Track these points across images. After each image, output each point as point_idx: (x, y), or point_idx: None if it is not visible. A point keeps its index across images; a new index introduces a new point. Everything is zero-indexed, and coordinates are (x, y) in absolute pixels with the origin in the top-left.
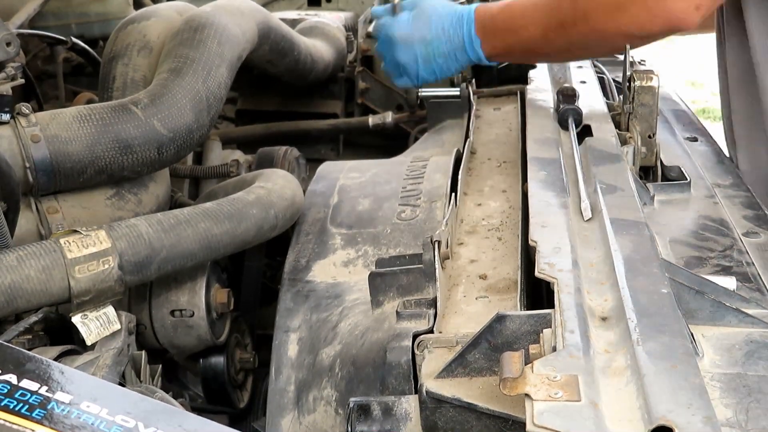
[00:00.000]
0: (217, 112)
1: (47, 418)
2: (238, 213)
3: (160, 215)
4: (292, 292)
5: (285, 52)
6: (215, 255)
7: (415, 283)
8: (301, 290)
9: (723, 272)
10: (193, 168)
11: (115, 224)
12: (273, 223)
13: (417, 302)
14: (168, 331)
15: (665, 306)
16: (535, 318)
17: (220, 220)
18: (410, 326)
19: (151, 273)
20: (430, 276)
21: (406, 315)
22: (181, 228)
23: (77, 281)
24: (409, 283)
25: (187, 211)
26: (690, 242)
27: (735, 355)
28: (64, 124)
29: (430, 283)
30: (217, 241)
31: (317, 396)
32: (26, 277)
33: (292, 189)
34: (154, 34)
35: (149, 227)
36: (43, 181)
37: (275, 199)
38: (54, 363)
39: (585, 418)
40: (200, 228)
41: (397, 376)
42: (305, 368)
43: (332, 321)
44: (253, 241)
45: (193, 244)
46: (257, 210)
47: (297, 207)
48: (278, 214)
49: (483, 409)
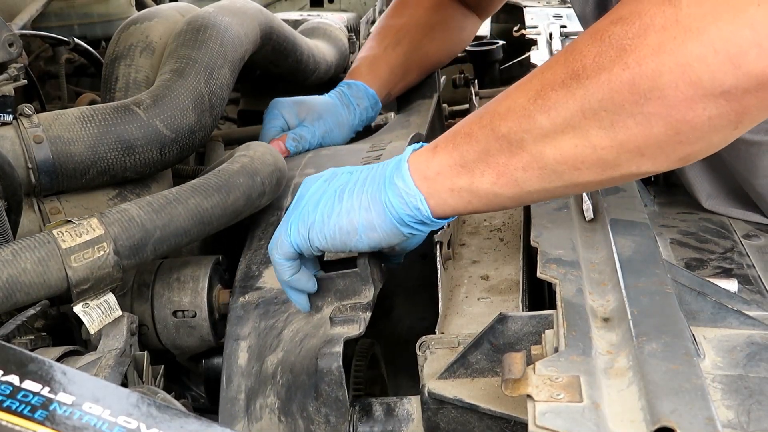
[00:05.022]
0: (220, 113)
1: (49, 419)
2: (226, 184)
3: (150, 197)
4: (243, 300)
5: (287, 53)
6: (209, 229)
7: (352, 287)
8: (251, 298)
9: (723, 274)
10: (195, 168)
11: (107, 211)
12: (261, 189)
13: (352, 306)
14: (170, 331)
15: (667, 307)
16: (537, 319)
17: (209, 193)
18: (342, 331)
19: (148, 254)
20: (366, 279)
21: (338, 320)
22: (171, 207)
23: (74, 270)
24: (345, 287)
25: (175, 189)
26: (690, 244)
27: (736, 357)
28: (67, 124)
29: (366, 287)
30: (209, 215)
31: (263, 404)
32: (23, 270)
33: (273, 155)
34: (157, 34)
35: (140, 210)
36: (45, 182)
37: (259, 166)
38: (56, 364)
39: (587, 419)
40: (191, 204)
41: (330, 382)
42: (253, 376)
43: (278, 328)
44: (244, 211)
45: (186, 221)
46: (244, 178)
47: (281, 172)
48: (264, 180)
49: (485, 409)
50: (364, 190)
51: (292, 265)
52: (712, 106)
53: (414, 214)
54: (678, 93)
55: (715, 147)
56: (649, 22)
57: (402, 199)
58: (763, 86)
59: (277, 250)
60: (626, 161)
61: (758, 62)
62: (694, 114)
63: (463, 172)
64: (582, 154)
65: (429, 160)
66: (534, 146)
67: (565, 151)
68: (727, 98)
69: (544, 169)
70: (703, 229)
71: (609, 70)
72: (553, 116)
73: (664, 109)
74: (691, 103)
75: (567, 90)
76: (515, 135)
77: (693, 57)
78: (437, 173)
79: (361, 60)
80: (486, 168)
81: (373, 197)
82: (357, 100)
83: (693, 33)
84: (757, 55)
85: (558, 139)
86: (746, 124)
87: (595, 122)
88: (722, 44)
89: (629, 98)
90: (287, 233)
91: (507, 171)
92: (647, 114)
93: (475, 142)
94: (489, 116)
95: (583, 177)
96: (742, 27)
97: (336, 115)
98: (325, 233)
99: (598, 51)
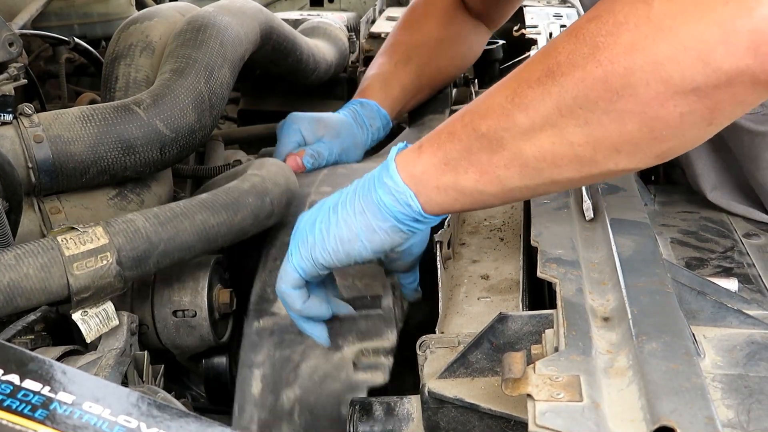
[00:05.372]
0: (220, 113)
1: (50, 418)
2: (235, 202)
3: (157, 209)
4: (257, 325)
5: (287, 53)
6: (214, 246)
7: (374, 329)
8: (266, 324)
9: (724, 273)
10: (195, 168)
11: (112, 220)
12: (269, 210)
13: (375, 351)
14: (170, 331)
15: (667, 306)
16: (537, 318)
17: (216, 210)
18: (366, 378)
19: (150, 267)
20: (389, 322)
21: (362, 366)
22: (178, 221)
23: (76, 278)
24: (368, 329)
25: (183, 203)
26: (691, 243)
27: (736, 356)
28: (67, 124)
29: (389, 329)
30: (215, 232)
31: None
32: (25, 275)
33: (285, 175)
34: (157, 34)
35: (146, 221)
36: (45, 182)
37: (270, 186)
38: (56, 363)
39: (587, 418)
40: (197, 220)
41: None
42: (267, 409)
43: (294, 360)
44: (250, 230)
45: (191, 236)
46: (253, 198)
47: (292, 193)
48: (274, 201)
49: (485, 409)
50: (356, 196)
51: (302, 294)
52: (684, 103)
53: (406, 211)
54: (650, 90)
55: (690, 143)
56: (622, 19)
57: (393, 197)
58: (732, 82)
59: (283, 281)
60: (603, 158)
61: (726, 59)
62: (666, 111)
63: (447, 170)
64: (560, 151)
65: (415, 159)
66: (513, 144)
67: (543, 149)
68: (697, 95)
69: (525, 167)
70: (704, 229)
71: (583, 67)
72: (530, 114)
73: (636, 106)
74: (663, 100)
75: (543, 87)
76: (495, 133)
77: (664, 55)
78: (423, 171)
79: (372, 77)
80: (469, 166)
81: (366, 200)
82: (370, 120)
83: (664, 31)
84: (725, 51)
85: (536, 137)
86: (719, 120)
87: (571, 119)
88: (692, 42)
89: (603, 95)
90: (290, 260)
91: (489, 169)
92: (620, 111)
93: (458, 140)
94: (470, 115)
95: (563, 174)
96: (710, 25)
97: (352, 135)
98: (328, 247)
99: (572, 48)
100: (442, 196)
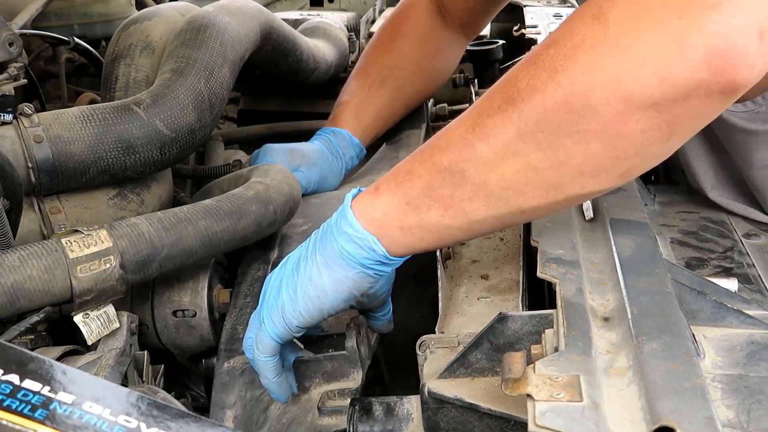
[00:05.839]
0: (220, 113)
1: (50, 418)
2: (238, 210)
3: (161, 213)
4: (228, 365)
5: (287, 53)
6: (216, 252)
7: (340, 370)
8: (236, 363)
9: (724, 273)
10: (195, 168)
11: (116, 223)
12: (272, 218)
13: (341, 392)
14: (170, 331)
15: (667, 306)
16: (537, 318)
17: (220, 217)
18: (330, 423)
19: (153, 271)
20: (354, 362)
21: (326, 411)
22: (181, 226)
23: (79, 281)
24: (333, 370)
25: (187, 208)
26: (691, 243)
27: (736, 356)
28: (67, 124)
29: (355, 369)
30: (217, 239)
31: None
32: (28, 277)
33: (290, 184)
34: (157, 34)
35: (150, 226)
36: (45, 181)
37: (274, 195)
38: (56, 363)
39: (587, 418)
40: (201, 225)
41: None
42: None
43: (264, 401)
44: (252, 237)
45: (194, 242)
46: (256, 206)
47: (295, 202)
48: (277, 210)
49: (485, 409)
50: (316, 251)
51: (278, 362)
52: (644, 119)
53: (371, 256)
54: (610, 108)
55: (652, 160)
56: (579, 41)
57: (355, 244)
58: (689, 95)
59: (260, 349)
60: (569, 181)
61: (683, 73)
62: (628, 128)
63: (409, 210)
64: (525, 178)
65: (373, 201)
66: (477, 175)
67: (508, 177)
68: (657, 110)
69: (490, 197)
70: (703, 229)
71: (542, 91)
72: (492, 143)
73: (598, 126)
74: (624, 117)
75: (503, 115)
76: (457, 166)
77: (622, 72)
78: (384, 213)
79: (344, 105)
80: (432, 202)
81: (327, 252)
82: (343, 150)
83: (621, 49)
84: (682, 66)
85: (500, 165)
86: (679, 134)
87: (533, 144)
88: (649, 58)
89: (564, 117)
90: (263, 329)
91: (453, 203)
92: (583, 132)
93: (418, 178)
94: (429, 151)
95: (529, 202)
96: (666, 41)
97: (328, 163)
98: (299, 309)
99: (532, 74)
100: (406, 236)
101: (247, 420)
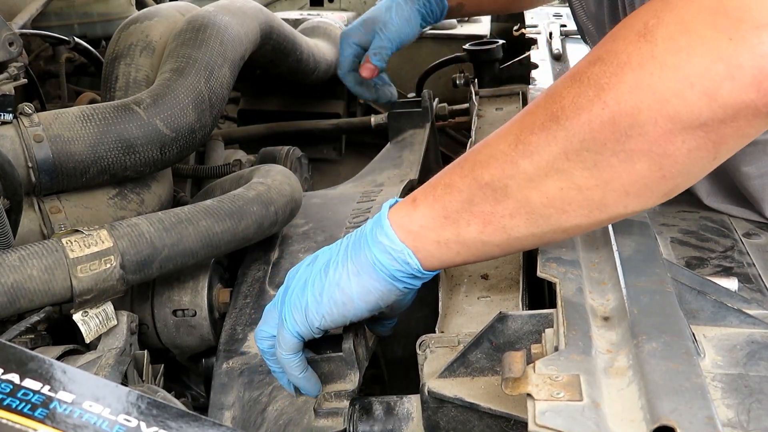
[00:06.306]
0: (220, 112)
1: (50, 417)
2: (239, 210)
3: (161, 214)
4: (227, 366)
5: (287, 53)
6: (217, 253)
7: (337, 371)
8: (235, 364)
9: (724, 273)
10: (195, 168)
11: (117, 223)
12: (273, 219)
13: (337, 394)
14: (170, 330)
15: (667, 306)
16: (536, 318)
17: (221, 217)
18: (325, 425)
19: (153, 272)
20: (351, 364)
21: (322, 413)
22: (182, 226)
23: (79, 281)
24: (330, 371)
25: (187, 209)
26: (691, 243)
27: (736, 356)
28: (67, 123)
29: (352, 371)
30: (218, 239)
31: None
32: (29, 276)
33: (291, 185)
34: (157, 34)
35: (150, 226)
36: (45, 181)
37: (275, 196)
38: (56, 362)
39: (587, 417)
40: (201, 226)
41: None
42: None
43: (262, 402)
44: (253, 238)
45: (195, 243)
46: (257, 207)
47: (296, 203)
48: (278, 211)
49: (485, 408)
50: (348, 257)
51: (302, 359)
52: (691, 139)
53: (404, 269)
54: (657, 128)
55: (695, 178)
56: (626, 59)
57: (390, 255)
58: (737, 116)
59: (282, 348)
60: (613, 201)
61: (732, 94)
62: (675, 147)
63: (447, 224)
64: (568, 196)
65: (410, 213)
66: (519, 192)
67: (551, 195)
68: (704, 130)
69: (531, 214)
70: (704, 228)
71: (588, 110)
72: (536, 160)
73: (645, 145)
74: (671, 136)
75: (548, 133)
76: (499, 182)
77: (670, 92)
78: (421, 226)
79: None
80: (471, 217)
81: (359, 261)
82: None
83: (669, 68)
84: (731, 87)
85: (543, 183)
86: (723, 154)
87: (578, 163)
88: (698, 78)
89: (610, 137)
90: (285, 326)
91: (493, 219)
92: (629, 151)
93: (457, 192)
94: (470, 165)
95: (571, 220)
96: (715, 61)
97: (400, 12)
98: (322, 312)
99: (577, 92)
100: (442, 251)
101: (245, 421)
